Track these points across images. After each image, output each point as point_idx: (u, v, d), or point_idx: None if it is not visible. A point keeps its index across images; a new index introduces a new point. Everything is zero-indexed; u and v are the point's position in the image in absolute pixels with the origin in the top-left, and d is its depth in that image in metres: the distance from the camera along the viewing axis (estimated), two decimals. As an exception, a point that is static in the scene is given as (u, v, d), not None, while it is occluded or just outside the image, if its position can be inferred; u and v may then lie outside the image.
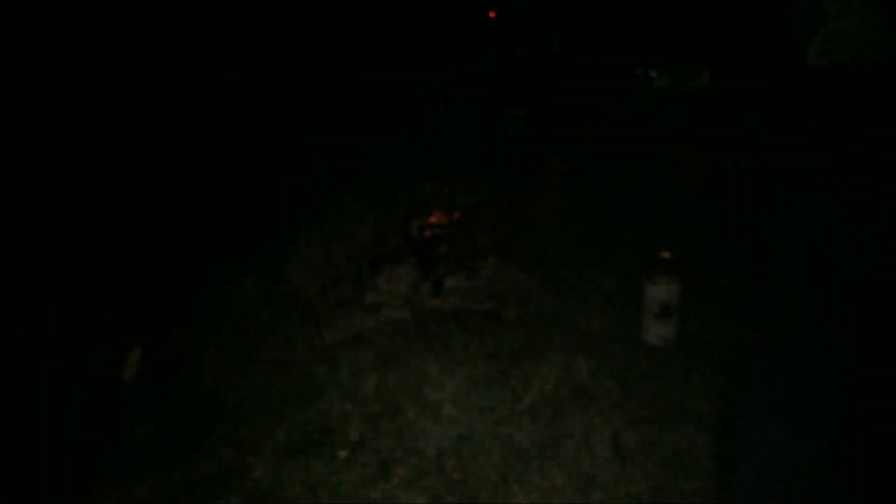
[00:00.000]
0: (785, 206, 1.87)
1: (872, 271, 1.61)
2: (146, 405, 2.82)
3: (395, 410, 2.63)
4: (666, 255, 2.72)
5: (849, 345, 1.68)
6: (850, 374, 1.68)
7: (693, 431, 2.41)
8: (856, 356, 1.68)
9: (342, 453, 2.49)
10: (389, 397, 2.68)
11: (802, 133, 2.08)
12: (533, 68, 4.54)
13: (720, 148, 3.68)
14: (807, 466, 1.69)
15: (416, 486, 2.32)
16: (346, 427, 2.57)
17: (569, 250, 3.36)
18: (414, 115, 4.21)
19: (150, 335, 3.11)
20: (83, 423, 2.79)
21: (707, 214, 3.36)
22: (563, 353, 2.73)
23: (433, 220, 3.40)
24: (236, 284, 3.27)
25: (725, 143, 3.68)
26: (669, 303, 2.72)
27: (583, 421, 2.48)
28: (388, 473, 2.40)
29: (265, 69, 4.66)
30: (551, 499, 2.23)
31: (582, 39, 4.70)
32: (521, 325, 2.93)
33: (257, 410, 2.71)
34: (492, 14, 5.13)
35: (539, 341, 2.81)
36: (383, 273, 3.22)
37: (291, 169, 4.00)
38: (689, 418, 2.44)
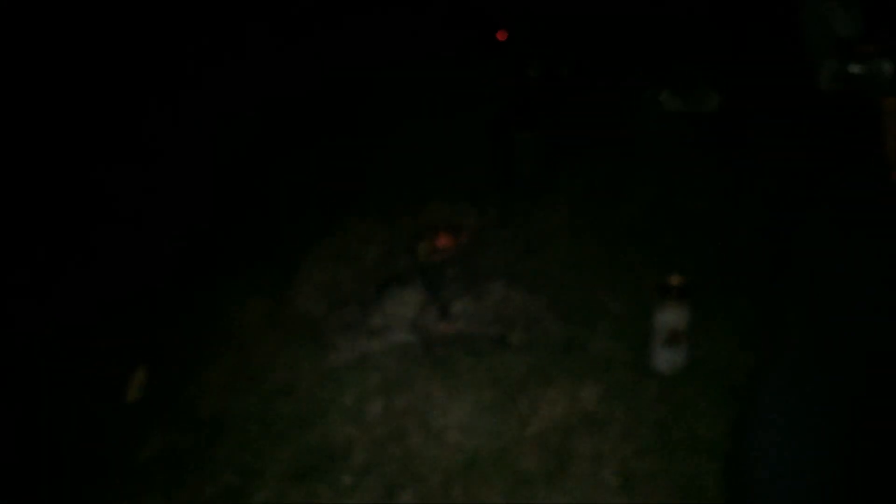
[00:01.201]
0: (796, 229, 1.84)
1: (881, 298, 1.57)
2: (149, 426, 2.79)
3: (401, 435, 2.59)
4: (675, 280, 2.69)
5: (859, 371, 1.65)
6: (862, 400, 1.64)
7: (703, 460, 2.37)
8: (867, 383, 1.64)
9: (347, 479, 2.46)
10: (395, 422, 2.65)
11: (812, 157, 2.05)
12: (543, 89, 4.54)
13: (731, 170, 3.66)
14: (818, 496, 1.65)
15: (421, 513, 2.29)
16: (350, 452, 2.54)
17: (578, 273, 3.33)
18: (422, 136, 4.20)
19: (154, 356, 3.10)
20: (85, 444, 2.77)
21: (720, 237, 3.33)
22: (571, 379, 2.69)
23: (440, 242, 3.38)
24: (242, 306, 3.25)
25: (736, 166, 3.67)
26: (679, 329, 2.68)
27: (590, 448, 2.44)
28: (394, 500, 2.37)
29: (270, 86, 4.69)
30: (558, 528, 2.20)
31: (593, 61, 4.70)
32: (529, 349, 2.89)
33: (261, 433, 2.69)
34: (501, 36, 5.14)
35: (546, 366, 2.77)
36: (390, 296, 3.20)
37: (298, 189, 3.99)
38: (698, 446, 2.40)
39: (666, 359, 2.72)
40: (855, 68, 0.89)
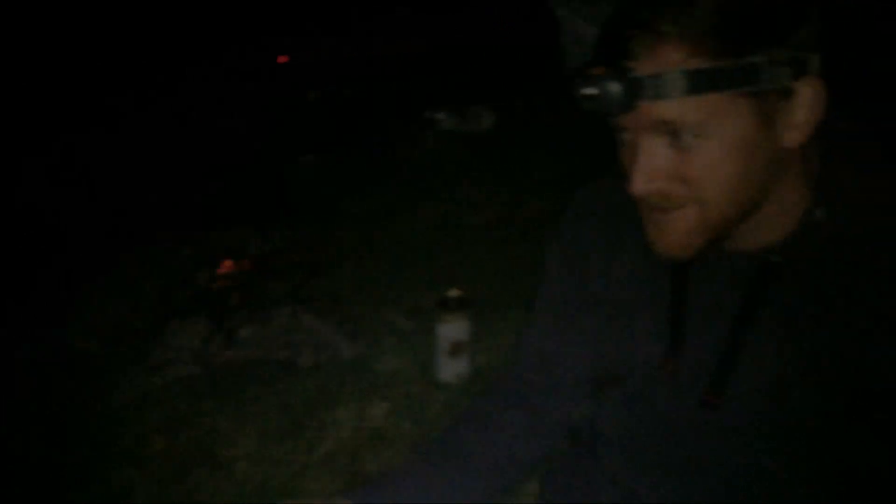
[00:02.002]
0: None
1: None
2: None
3: (185, 472, 2.50)
4: (454, 293, 2.77)
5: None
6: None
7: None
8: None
9: (125, 524, 2.34)
10: (178, 459, 2.55)
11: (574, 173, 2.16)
12: (324, 112, 4.57)
13: (505, 186, 3.84)
14: None
15: (208, 550, 2.22)
16: (129, 495, 2.42)
17: (365, 294, 3.36)
18: (198, 162, 4.10)
19: None
20: None
21: (496, 252, 3.47)
22: (358, 398, 2.71)
23: (222, 270, 3.31)
24: (4, 352, 3.03)
25: (510, 181, 3.85)
26: (460, 340, 2.77)
27: (379, 464, 2.46)
28: (178, 540, 2.28)
29: None
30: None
31: (373, 83, 4.78)
32: (317, 372, 2.89)
33: (32, 480, 2.51)
34: (281, 59, 5.12)
35: (334, 388, 2.78)
36: (171, 328, 3.09)
37: (69, 221, 3.78)
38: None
39: (450, 370, 2.80)
40: (589, 90, 0.96)
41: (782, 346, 1.04)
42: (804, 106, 0.95)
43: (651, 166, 0.97)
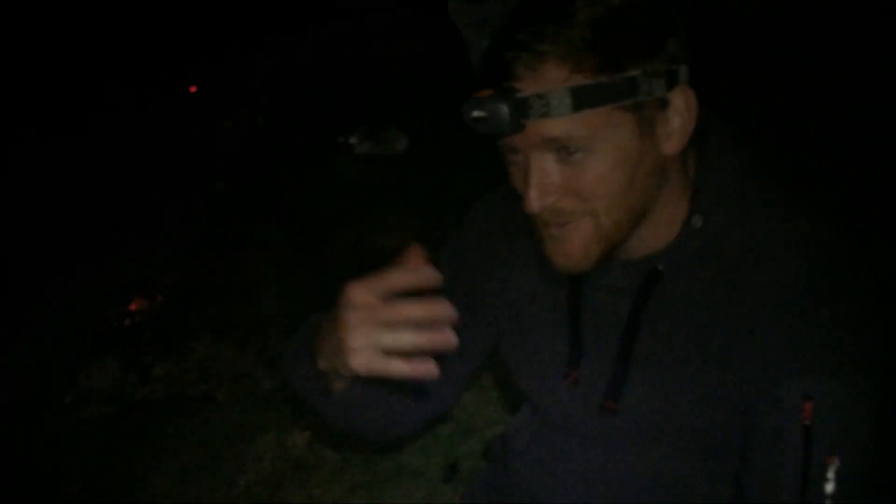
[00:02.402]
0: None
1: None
2: None
3: (100, 515, 2.43)
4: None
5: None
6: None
7: (411, 487, 2.44)
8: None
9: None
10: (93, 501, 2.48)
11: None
12: (238, 140, 4.52)
13: (421, 206, 3.85)
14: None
15: None
16: (41, 544, 2.33)
17: (284, 321, 3.32)
18: (106, 193, 3.99)
19: None
20: None
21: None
22: (279, 429, 2.67)
23: (134, 306, 3.23)
24: None
25: (425, 202, 3.87)
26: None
27: (302, 494, 2.43)
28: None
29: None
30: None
31: (288, 110, 4.76)
32: (236, 404, 2.84)
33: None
34: (192, 89, 5.05)
35: (254, 419, 2.73)
36: (83, 368, 3.01)
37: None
38: (403, 473, 2.46)
39: (371, 394, 2.78)
40: (477, 112, 0.98)
41: (668, 350, 1.07)
42: (678, 114, 0.99)
43: (544, 183, 1.00)
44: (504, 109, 0.95)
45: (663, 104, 0.98)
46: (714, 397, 1.05)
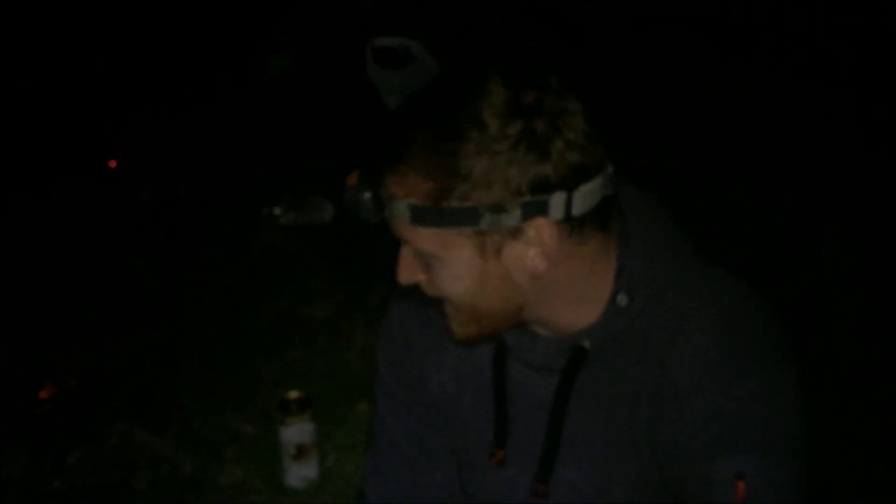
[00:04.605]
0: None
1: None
2: None
3: None
4: (294, 394, 2.69)
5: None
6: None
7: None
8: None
9: None
10: None
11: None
12: (160, 213, 4.42)
13: (347, 275, 3.81)
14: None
15: None
16: None
17: (206, 399, 3.21)
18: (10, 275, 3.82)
19: None
20: None
21: (342, 344, 3.41)
22: (200, 516, 2.55)
23: (44, 392, 3.09)
24: None
25: (352, 271, 3.82)
26: (304, 442, 2.67)
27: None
28: None
29: None
30: None
31: (210, 181, 4.68)
32: (154, 491, 2.71)
33: None
34: (112, 163, 4.95)
35: (173, 508, 2.61)
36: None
37: None
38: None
39: (297, 474, 2.69)
40: (347, 195, 1.01)
41: (597, 429, 1.07)
42: (532, 245, 0.99)
43: (406, 266, 1.06)
44: (366, 200, 1.01)
45: (515, 232, 0.98)
46: (646, 477, 1.06)
